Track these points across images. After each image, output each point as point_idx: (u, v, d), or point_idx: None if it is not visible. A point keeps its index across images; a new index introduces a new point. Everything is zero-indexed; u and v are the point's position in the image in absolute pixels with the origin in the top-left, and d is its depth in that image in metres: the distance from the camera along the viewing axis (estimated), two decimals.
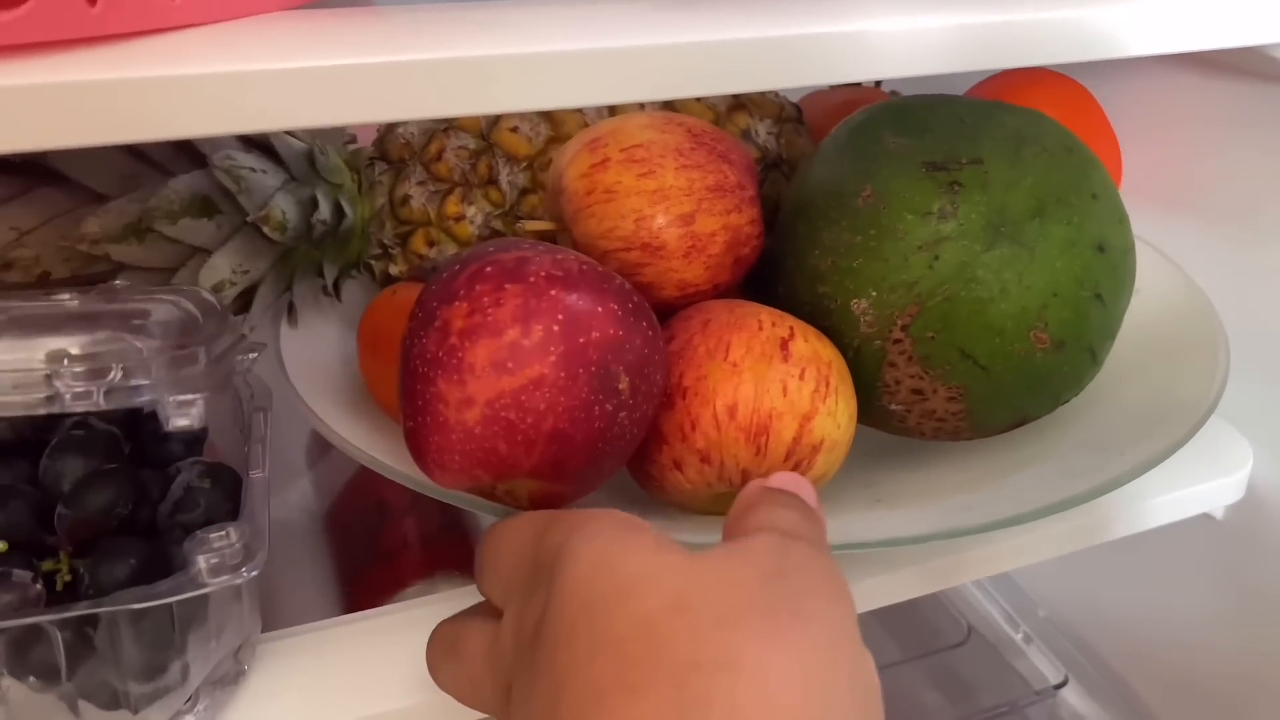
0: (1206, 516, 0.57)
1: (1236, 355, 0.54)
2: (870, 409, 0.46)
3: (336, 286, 0.55)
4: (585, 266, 0.38)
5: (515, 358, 0.35)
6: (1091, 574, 0.69)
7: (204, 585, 0.37)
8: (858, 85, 0.68)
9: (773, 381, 0.40)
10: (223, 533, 0.37)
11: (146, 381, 0.37)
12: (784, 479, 0.33)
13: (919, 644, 0.74)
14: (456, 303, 0.36)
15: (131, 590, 0.36)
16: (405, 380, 0.37)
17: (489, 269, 0.37)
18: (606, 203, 0.44)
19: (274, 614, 0.50)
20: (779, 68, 0.35)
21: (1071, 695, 0.69)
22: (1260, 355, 0.56)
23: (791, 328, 0.42)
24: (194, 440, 0.47)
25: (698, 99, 0.54)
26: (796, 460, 0.40)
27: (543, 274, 0.36)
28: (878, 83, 0.69)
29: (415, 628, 0.44)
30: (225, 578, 0.37)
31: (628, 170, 0.44)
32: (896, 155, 0.44)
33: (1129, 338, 0.52)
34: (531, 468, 0.36)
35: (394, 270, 0.55)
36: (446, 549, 0.59)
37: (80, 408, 0.37)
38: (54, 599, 0.38)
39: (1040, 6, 0.39)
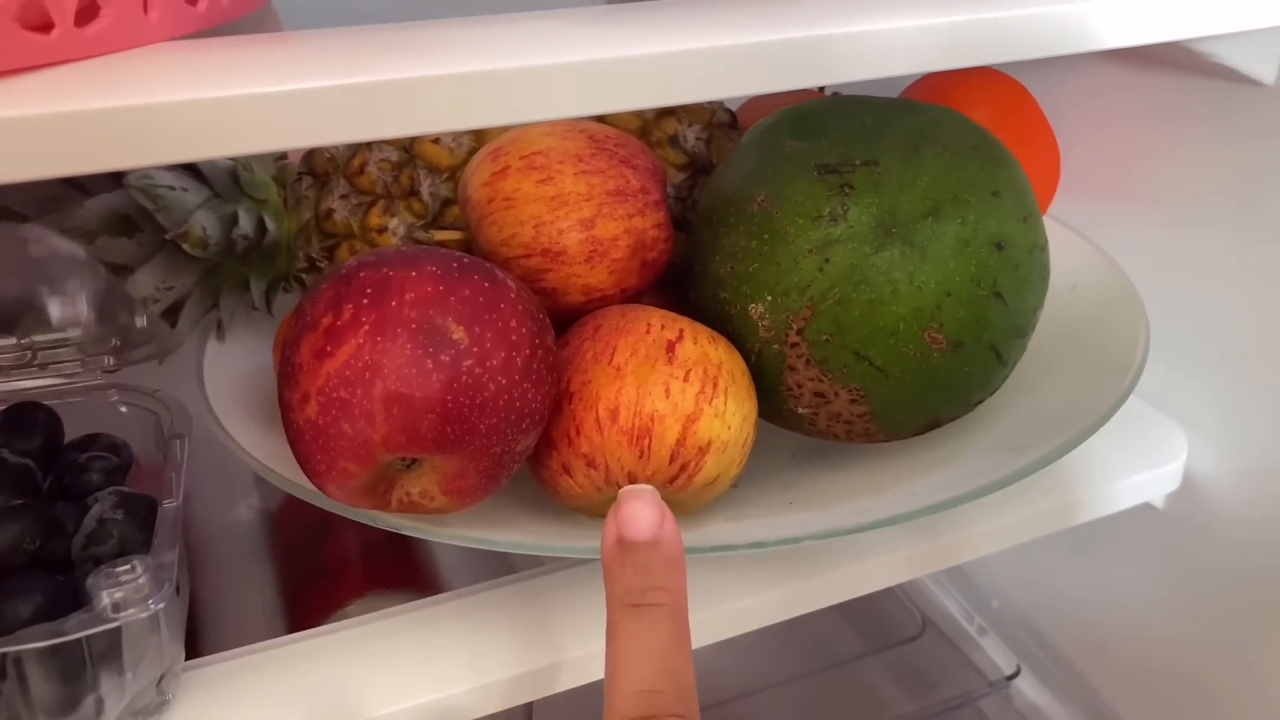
0: (1148, 506, 0.57)
1: (1172, 346, 0.53)
2: (780, 413, 0.46)
3: (268, 301, 0.56)
4: (405, 248, 0.39)
5: (331, 340, 0.36)
6: (1044, 565, 0.69)
7: (109, 620, 0.37)
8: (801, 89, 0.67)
9: (655, 384, 0.40)
10: (128, 566, 0.37)
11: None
12: (635, 514, 0.35)
13: (876, 637, 0.74)
14: (290, 319, 0.38)
15: (34, 628, 0.36)
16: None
17: (321, 284, 0.38)
18: (506, 210, 0.45)
19: (216, 637, 0.49)
20: (732, 77, 0.35)
21: (1025, 685, 0.69)
22: (1195, 346, 0.56)
23: (681, 330, 0.42)
24: (114, 470, 0.47)
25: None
26: (683, 463, 0.40)
27: (354, 264, 0.38)
28: (821, 88, 0.69)
29: (347, 649, 0.44)
30: (131, 611, 0.37)
31: (527, 177, 0.45)
32: (792, 159, 0.44)
33: (1058, 331, 0.52)
34: (385, 439, 0.36)
35: None
36: (390, 565, 0.59)
37: None
38: None
39: (1011, 5, 0.39)
